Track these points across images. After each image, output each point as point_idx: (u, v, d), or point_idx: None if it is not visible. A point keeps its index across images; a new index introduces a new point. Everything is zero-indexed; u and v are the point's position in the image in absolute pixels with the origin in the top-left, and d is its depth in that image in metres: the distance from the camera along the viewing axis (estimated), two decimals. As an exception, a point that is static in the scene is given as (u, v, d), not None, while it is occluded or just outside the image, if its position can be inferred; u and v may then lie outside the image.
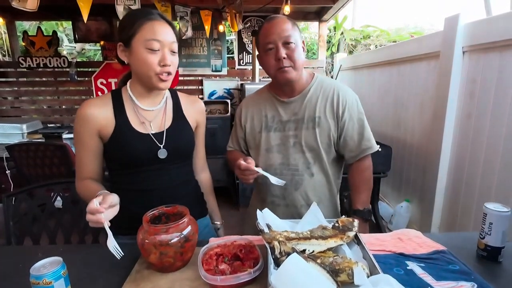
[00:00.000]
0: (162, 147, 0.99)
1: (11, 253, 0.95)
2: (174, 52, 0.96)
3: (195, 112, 1.12)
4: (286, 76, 1.11)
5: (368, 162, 1.22)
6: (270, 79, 1.24)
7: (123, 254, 0.76)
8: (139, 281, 0.75)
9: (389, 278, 0.63)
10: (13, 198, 1.27)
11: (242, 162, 1.03)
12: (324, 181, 1.20)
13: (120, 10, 1.92)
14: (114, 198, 0.81)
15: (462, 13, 1.67)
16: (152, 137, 0.99)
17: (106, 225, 0.76)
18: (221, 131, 3.35)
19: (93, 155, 0.99)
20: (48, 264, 0.65)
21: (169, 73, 0.95)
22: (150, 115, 1.02)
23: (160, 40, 0.91)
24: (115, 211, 0.80)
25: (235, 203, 3.34)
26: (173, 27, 0.97)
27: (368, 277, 0.67)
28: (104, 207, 0.75)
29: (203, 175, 1.22)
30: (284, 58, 1.09)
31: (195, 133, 1.13)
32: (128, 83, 1.03)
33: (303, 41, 1.16)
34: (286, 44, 1.09)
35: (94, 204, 0.75)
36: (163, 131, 1.02)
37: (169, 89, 1.09)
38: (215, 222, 1.25)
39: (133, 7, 1.98)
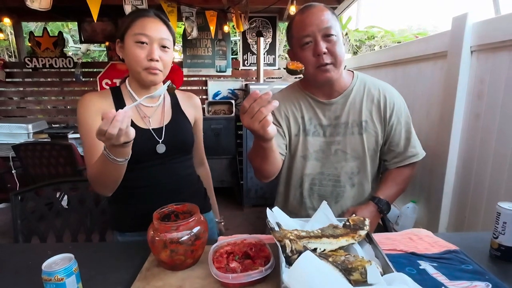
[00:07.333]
0: (161, 142, 1.00)
1: (20, 250, 0.95)
2: (165, 47, 0.95)
3: (192, 108, 1.13)
4: (327, 76, 0.97)
5: (409, 171, 1.12)
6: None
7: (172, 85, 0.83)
8: (149, 279, 0.75)
9: (404, 276, 0.62)
10: (20, 197, 1.27)
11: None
12: (362, 193, 1.09)
13: (128, 10, 1.93)
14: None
15: (470, 12, 1.65)
16: (152, 132, 1.00)
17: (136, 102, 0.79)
18: (225, 131, 3.35)
19: None
20: (59, 260, 0.65)
21: (157, 69, 0.94)
22: (150, 111, 1.03)
23: (149, 35, 0.92)
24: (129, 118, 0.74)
25: (239, 204, 3.33)
26: (167, 26, 0.98)
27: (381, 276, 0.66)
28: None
29: (202, 169, 1.24)
30: (324, 53, 0.94)
31: (194, 128, 1.14)
32: (126, 80, 1.05)
33: (342, 33, 1.00)
34: (327, 36, 0.94)
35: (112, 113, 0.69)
36: (162, 127, 1.02)
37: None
38: (215, 219, 1.26)
39: (140, 7, 1.99)
